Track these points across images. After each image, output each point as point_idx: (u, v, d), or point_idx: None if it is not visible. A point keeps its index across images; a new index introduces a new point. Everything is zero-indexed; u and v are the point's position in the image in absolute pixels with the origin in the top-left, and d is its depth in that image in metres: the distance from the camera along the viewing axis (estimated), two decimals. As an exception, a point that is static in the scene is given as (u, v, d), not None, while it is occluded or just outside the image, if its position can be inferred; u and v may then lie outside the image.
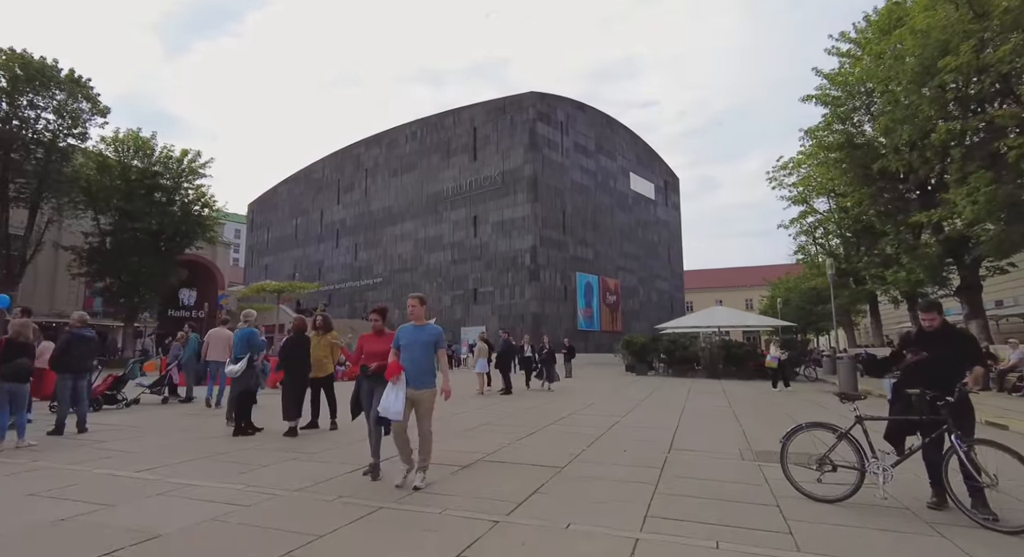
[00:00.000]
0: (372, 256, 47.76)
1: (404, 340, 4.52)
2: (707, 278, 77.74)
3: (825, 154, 19.43)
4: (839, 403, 5.32)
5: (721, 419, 9.05)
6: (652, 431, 7.58)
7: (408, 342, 4.50)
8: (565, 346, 20.16)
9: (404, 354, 4.46)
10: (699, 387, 16.31)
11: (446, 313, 41.07)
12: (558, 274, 38.83)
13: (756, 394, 14.16)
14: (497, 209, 39.38)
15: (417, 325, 4.60)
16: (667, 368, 23.26)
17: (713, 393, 14.42)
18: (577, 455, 5.77)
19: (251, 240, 63.72)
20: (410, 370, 4.36)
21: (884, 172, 17.48)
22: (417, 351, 4.45)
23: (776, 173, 29.60)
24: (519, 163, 38.61)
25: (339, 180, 52.47)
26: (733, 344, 21.36)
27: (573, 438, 6.88)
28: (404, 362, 4.40)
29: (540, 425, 8.05)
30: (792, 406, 11.30)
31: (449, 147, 43.18)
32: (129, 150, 27.34)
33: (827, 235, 29.10)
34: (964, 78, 12.42)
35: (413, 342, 4.48)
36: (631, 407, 10.72)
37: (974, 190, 12.31)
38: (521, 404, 11.22)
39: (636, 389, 15.55)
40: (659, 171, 55.27)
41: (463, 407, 10.48)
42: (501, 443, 6.45)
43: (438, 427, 8.02)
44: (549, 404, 11.27)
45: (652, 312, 48.38)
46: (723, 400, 12.53)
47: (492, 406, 10.78)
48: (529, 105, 38.86)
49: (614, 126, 48.32)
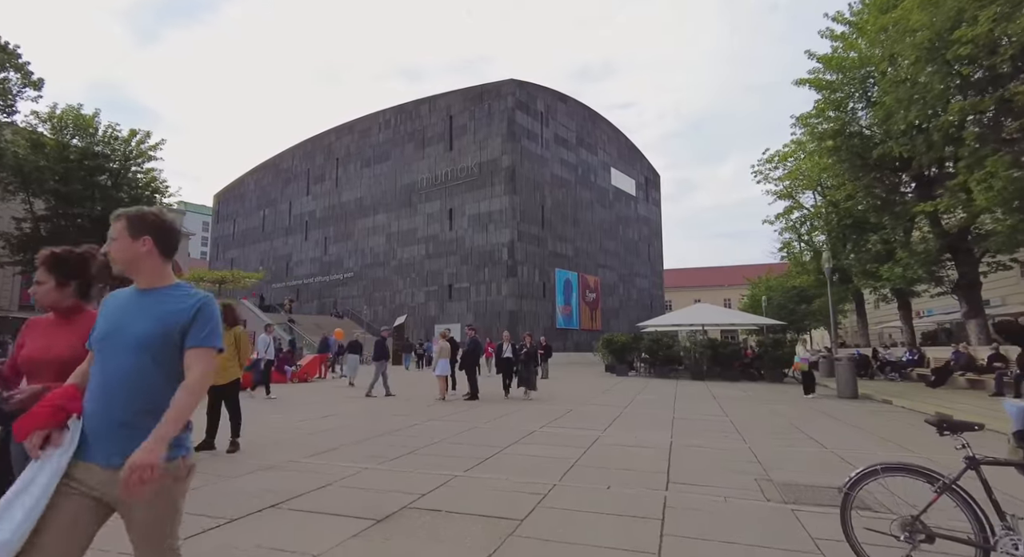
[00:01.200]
0: (342, 250, 45.61)
1: (104, 326, 1.71)
2: (685, 277, 77.27)
3: (818, 143, 18.27)
4: (852, 411, 3.88)
5: (720, 432, 7.62)
6: (641, 453, 6.09)
7: (110, 330, 1.69)
8: (541, 345, 18.67)
9: (96, 367, 1.69)
10: (685, 390, 14.96)
11: (420, 310, 39.29)
12: (536, 270, 37.34)
13: (748, 398, 12.84)
14: (474, 202, 37.69)
15: (143, 289, 1.77)
16: (649, 368, 21.96)
17: (702, 397, 13.06)
18: (543, 496, 4.22)
19: (217, 232, 60.78)
20: (97, 412, 1.63)
21: (882, 161, 16.37)
22: (125, 356, 1.64)
23: (762, 166, 28.61)
24: (497, 154, 36.97)
25: (309, 170, 50.11)
26: (719, 343, 20.13)
27: (541, 466, 5.34)
28: (91, 392, 1.67)
29: (503, 444, 6.49)
30: (795, 414, 9.96)
31: (424, 136, 41.30)
32: (67, 128, 24.96)
33: (812, 231, 28.22)
34: (984, 51, 11.25)
35: (120, 330, 1.67)
36: (613, 416, 9.24)
37: (989, 175, 11.19)
38: (486, 413, 9.65)
39: (617, 392, 14.12)
40: (640, 167, 54.19)
41: (415, 418, 8.86)
42: (445, 475, 4.86)
43: (373, 447, 6.06)
44: (519, 412, 9.72)
45: (632, 310, 47.28)
46: (715, 406, 11.16)
47: (451, 416, 9.19)
48: (508, 93, 37.23)
49: (596, 119, 46.99)
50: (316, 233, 48.25)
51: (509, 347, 13.07)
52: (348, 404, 11.14)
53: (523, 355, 12.45)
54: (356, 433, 7.19)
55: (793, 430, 8.04)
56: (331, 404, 11.07)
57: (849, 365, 12.87)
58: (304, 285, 48.04)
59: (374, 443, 6.46)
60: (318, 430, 7.47)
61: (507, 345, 13.10)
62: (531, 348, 12.06)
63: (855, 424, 8.79)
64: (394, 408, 10.30)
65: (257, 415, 9.13)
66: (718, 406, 11.22)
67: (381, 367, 12.65)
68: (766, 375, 18.99)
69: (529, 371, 12.16)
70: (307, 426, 7.87)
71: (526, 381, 12.04)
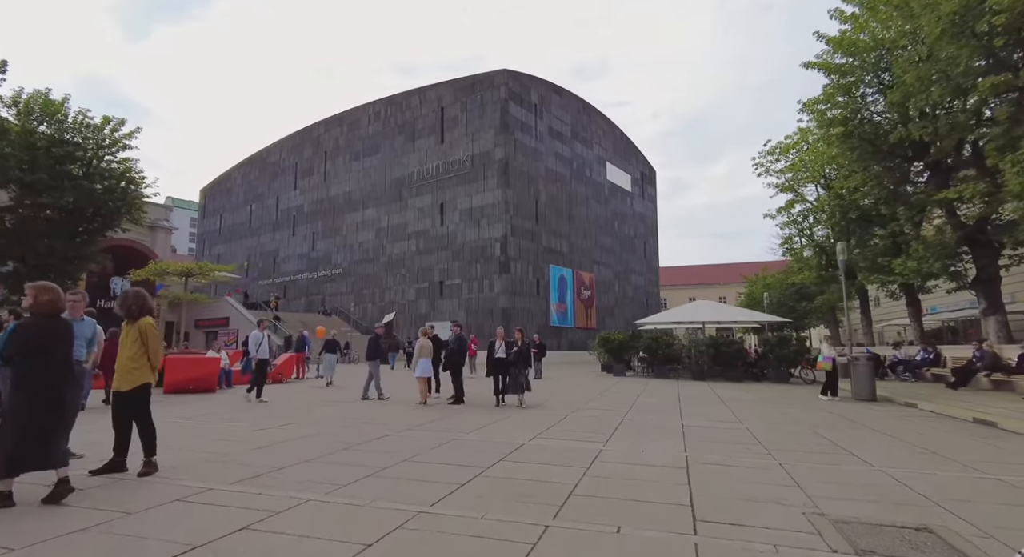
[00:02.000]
0: (331, 245, 44.33)
1: None
2: (681, 275, 76.43)
3: (826, 130, 17.26)
4: (876, 416, 2.87)
5: (740, 444, 6.57)
6: (653, 476, 5.02)
7: None
8: (535, 344, 17.57)
9: None
10: (688, 391, 13.94)
11: (410, 307, 38.13)
12: (530, 266, 36.25)
13: (757, 400, 11.82)
14: (465, 196, 36.54)
15: None
16: (647, 368, 20.94)
17: (707, 399, 12.04)
18: (531, 547, 3.12)
19: (203, 228, 59.29)
20: None
21: (895, 148, 15.39)
22: None
23: (763, 158, 27.68)
24: (489, 146, 35.83)
25: (297, 163, 48.76)
26: (722, 342, 19.12)
27: (530, 494, 4.25)
28: None
29: (485, 462, 5.40)
30: (815, 419, 8.93)
31: (415, 128, 40.08)
32: (34, 113, 23.57)
33: (815, 225, 27.29)
34: (1022, 19, 10.24)
35: None
36: (614, 423, 8.17)
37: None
38: (471, 420, 8.55)
39: (616, 394, 13.07)
40: (636, 163, 53.21)
41: (390, 426, 7.75)
42: (405, 511, 3.76)
43: (327, 467, 4.65)
44: (507, 419, 8.63)
45: (627, 308, 46.31)
46: (724, 410, 10.13)
47: (430, 424, 8.08)
48: (501, 84, 36.08)
49: (591, 113, 45.92)
50: (304, 228, 46.94)
51: (503, 345, 10.93)
52: (319, 409, 10.01)
53: (512, 354, 10.59)
54: (314, 447, 6.08)
55: (821, 440, 7.00)
56: (300, 409, 9.93)
57: (868, 365, 11.88)
58: (292, 282, 46.74)
59: (330, 462, 5.36)
60: (270, 443, 6.35)
61: (500, 343, 10.99)
62: (523, 346, 10.70)
63: (888, 432, 7.77)
64: (369, 414, 9.19)
65: (209, 422, 8.00)
66: (728, 410, 10.19)
67: (375, 368, 11.60)
68: (771, 375, 18.02)
69: (519, 374, 10.47)
70: (260, 437, 6.75)
71: (517, 386, 10.40)
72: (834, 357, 12.14)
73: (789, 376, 17.87)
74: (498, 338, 11.03)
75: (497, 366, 10.79)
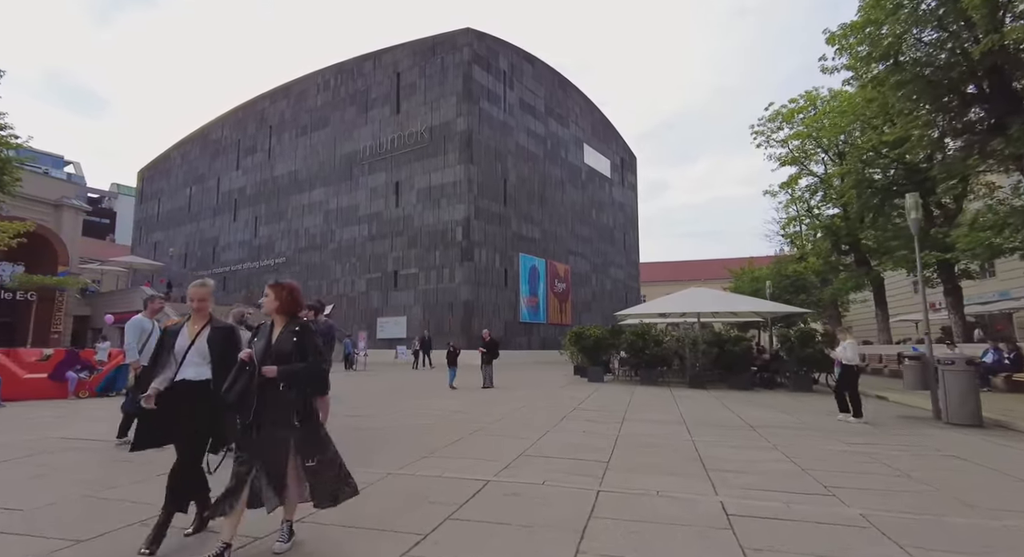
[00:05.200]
0: (274, 232, 39.33)
1: None
2: (661, 270, 72.90)
3: (865, 66, 13.36)
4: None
5: (834, 539, 2.38)
6: None
7: None
8: (483, 341, 13.27)
9: None
10: (693, 409, 9.78)
11: (361, 301, 33.50)
12: (497, 254, 31.94)
13: (794, 424, 7.71)
14: (423, 173, 32.04)
15: None
16: (631, 371, 16.84)
17: (727, 424, 7.88)
18: None
19: (140, 214, 53.41)
20: None
21: (961, 81, 11.54)
22: None
23: (763, 126, 23.85)
24: (451, 116, 31.38)
25: (240, 141, 43.53)
26: (729, 339, 15.07)
27: None
28: None
29: None
30: (910, 463, 4.82)
31: (368, 98, 35.38)
32: None
33: (822, 203, 23.61)
34: None
35: None
36: (592, 487, 3.91)
37: None
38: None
39: (591, 413, 8.83)
40: (616, 147, 49.34)
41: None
42: None
43: None
44: (391, 480, 4.28)
45: (606, 303, 42.32)
46: (759, 441, 6.02)
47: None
48: (464, 45, 31.65)
49: (567, 88, 41.79)
50: (246, 212, 41.79)
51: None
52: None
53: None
54: None
55: (962, 510, 2.84)
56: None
57: (970, 374, 7.85)
58: (231, 272, 41.55)
59: None
60: None
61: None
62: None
63: None
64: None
65: None
66: (766, 441, 6.07)
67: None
68: (790, 382, 14.09)
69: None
70: None
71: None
72: (856, 363, 8.27)
73: (813, 382, 13.95)
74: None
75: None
